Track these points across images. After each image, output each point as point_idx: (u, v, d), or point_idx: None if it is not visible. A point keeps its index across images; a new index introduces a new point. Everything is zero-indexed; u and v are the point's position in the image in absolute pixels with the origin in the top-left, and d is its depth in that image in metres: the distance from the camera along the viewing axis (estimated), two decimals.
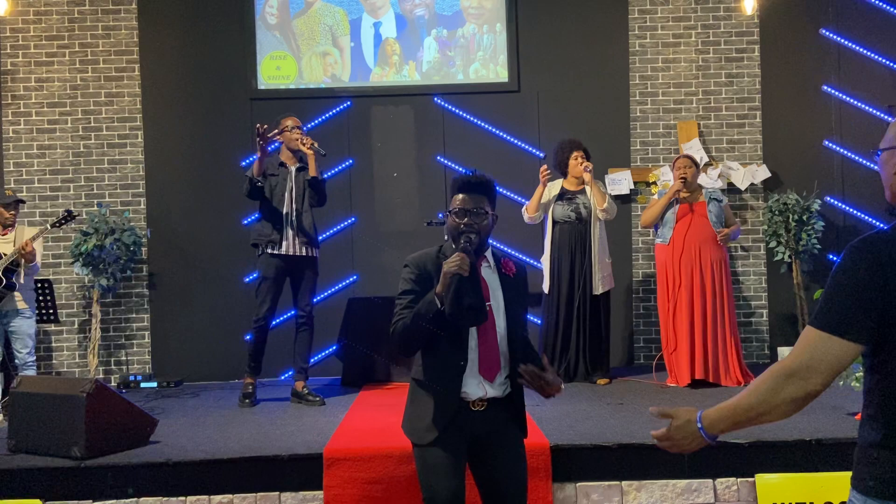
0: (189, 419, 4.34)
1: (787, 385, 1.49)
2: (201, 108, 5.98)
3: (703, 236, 4.84)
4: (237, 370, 5.42)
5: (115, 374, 5.83)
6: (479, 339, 2.46)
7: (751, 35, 6.05)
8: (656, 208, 4.95)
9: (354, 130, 6.03)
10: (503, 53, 6.01)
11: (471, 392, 2.45)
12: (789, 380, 1.49)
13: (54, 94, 5.97)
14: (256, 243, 4.66)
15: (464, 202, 2.50)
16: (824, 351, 1.47)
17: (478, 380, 2.46)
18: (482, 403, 2.46)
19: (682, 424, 1.63)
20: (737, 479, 3.36)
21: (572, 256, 5.04)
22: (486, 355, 2.46)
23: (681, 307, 4.83)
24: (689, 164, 4.91)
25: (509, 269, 2.57)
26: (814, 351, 1.48)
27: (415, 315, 2.41)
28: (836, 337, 1.47)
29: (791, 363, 1.50)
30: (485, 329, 2.47)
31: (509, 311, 2.51)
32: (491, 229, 2.56)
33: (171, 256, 5.95)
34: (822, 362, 1.47)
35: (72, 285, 5.94)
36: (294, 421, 4.19)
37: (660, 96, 6.05)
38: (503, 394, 2.50)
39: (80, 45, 5.98)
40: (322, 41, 6.03)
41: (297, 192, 4.65)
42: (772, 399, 1.51)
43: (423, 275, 2.48)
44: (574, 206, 5.07)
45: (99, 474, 3.35)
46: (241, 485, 3.40)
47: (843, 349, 1.47)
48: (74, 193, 5.96)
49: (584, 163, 5.03)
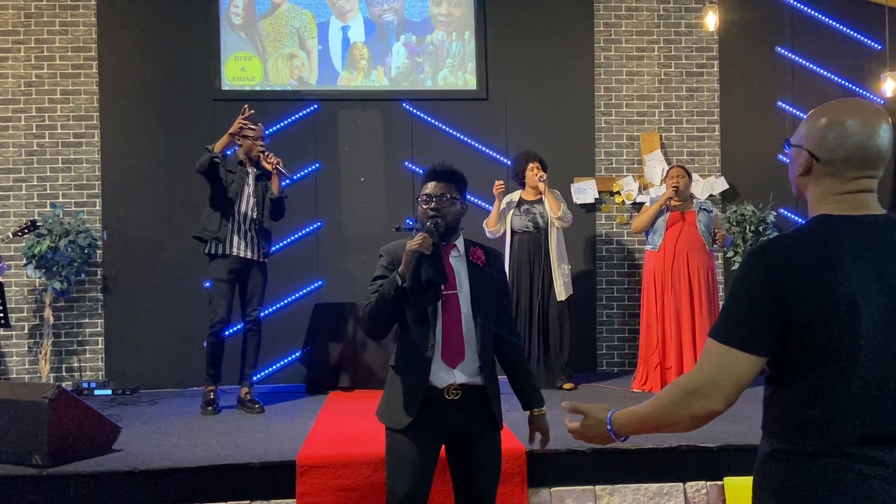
0: (151, 427, 4.20)
1: (690, 402, 1.46)
2: (162, 107, 5.84)
3: (693, 245, 4.96)
4: (195, 377, 5.30)
5: (68, 381, 5.61)
6: (443, 324, 2.49)
7: (710, 51, 6.23)
8: (647, 215, 5.08)
9: (321, 134, 5.97)
10: (472, 61, 6.04)
11: (439, 379, 2.47)
12: (693, 396, 1.46)
13: (8, 90, 5.74)
14: (201, 237, 4.53)
15: (432, 189, 2.56)
16: (727, 365, 1.43)
17: (445, 366, 2.48)
18: (456, 392, 2.47)
19: (593, 424, 1.66)
20: (706, 483, 3.44)
21: (531, 265, 5.15)
22: (449, 342, 2.48)
23: (668, 313, 4.93)
24: (681, 174, 5.05)
25: (478, 258, 2.60)
26: (717, 366, 1.44)
27: (379, 295, 2.47)
28: (737, 350, 1.42)
29: (695, 378, 1.47)
30: (449, 315, 2.50)
31: (475, 299, 2.53)
32: (460, 217, 2.60)
33: (127, 260, 5.77)
34: (726, 378, 1.43)
35: (22, 288, 5.70)
36: (261, 428, 4.10)
37: (623, 108, 6.17)
38: (476, 381, 2.50)
39: (36, 41, 5.77)
40: (288, 43, 5.96)
41: (257, 199, 4.59)
42: (675, 413, 1.49)
43: (394, 262, 2.52)
44: (531, 217, 5.18)
45: (62, 483, 3.22)
46: (212, 493, 3.31)
47: (745, 363, 1.42)
48: (27, 193, 5.74)
49: (539, 173, 5.14)
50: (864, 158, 1.46)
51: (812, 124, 1.51)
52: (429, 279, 2.43)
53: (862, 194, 1.48)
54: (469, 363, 2.50)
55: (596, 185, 6.04)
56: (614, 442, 1.63)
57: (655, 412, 1.53)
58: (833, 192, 1.48)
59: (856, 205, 1.48)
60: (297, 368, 5.67)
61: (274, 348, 5.65)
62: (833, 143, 1.47)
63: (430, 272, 2.43)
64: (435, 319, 2.49)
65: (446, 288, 2.50)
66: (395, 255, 2.55)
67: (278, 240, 5.72)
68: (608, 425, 1.62)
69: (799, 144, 1.53)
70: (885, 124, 1.48)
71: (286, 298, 5.81)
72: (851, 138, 1.46)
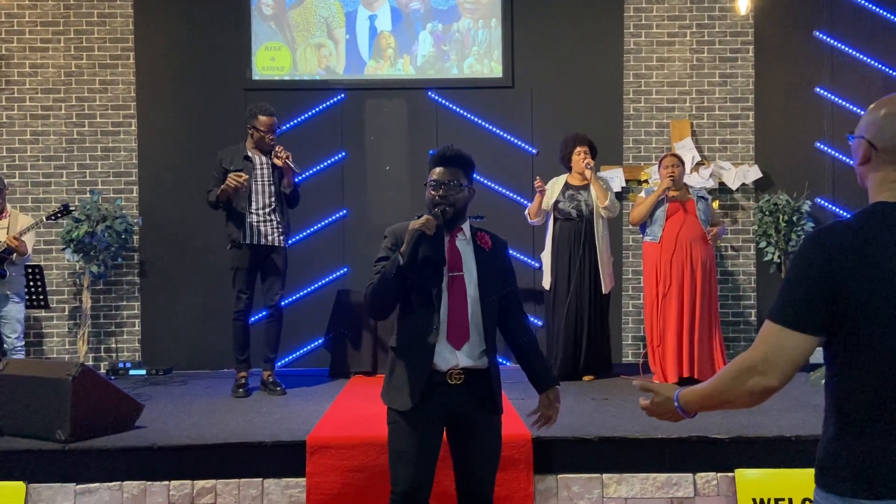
0: (176, 406, 4.35)
1: (747, 378, 1.53)
2: (195, 97, 5.99)
3: (694, 235, 4.84)
4: (227, 359, 5.42)
5: (105, 362, 5.84)
6: (448, 305, 2.50)
7: (745, 35, 6.07)
8: (645, 206, 4.94)
9: (348, 123, 6.04)
10: (498, 49, 6.02)
11: (443, 361, 2.48)
12: (749, 373, 1.52)
13: (48, 80, 5.97)
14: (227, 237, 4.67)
15: (440, 175, 2.55)
16: (781, 345, 1.49)
17: (449, 348, 2.49)
18: (459, 376, 2.48)
19: (662, 401, 1.73)
20: (717, 474, 3.39)
21: (571, 253, 5.00)
22: (454, 322, 2.49)
23: (670, 305, 4.84)
24: (676, 163, 4.91)
25: (485, 243, 2.61)
26: (771, 345, 1.51)
27: (381, 276, 2.49)
28: (790, 330, 1.49)
29: (751, 357, 1.53)
30: (454, 296, 2.51)
31: (482, 282, 2.54)
32: (467, 202, 2.60)
33: (162, 245, 5.96)
34: (780, 357, 1.49)
35: (63, 272, 5.94)
36: (279, 409, 4.21)
37: (653, 95, 6.07)
38: (478, 365, 2.52)
39: (76, 32, 5.98)
40: (317, 33, 6.04)
41: (273, 187, 4.62)
42: (734, 389, 1.55)
43: (398, 243, 2.52)
44: (576, 203, 5.02)
45: (83, 458, 3.37)
46: (225, 471, 3.41)
47: (799, 342, 1.49)
48: (67, 180, 5.96)
49: (587, 159, 4.99)
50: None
51: (872, 115, 1.58)
52: (427, 258, 2.46)
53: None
54: (474, 345, 2.52)
55: (623, 173, 5.96)
56: (683, 419, 1.71)
57: (717, 388, 1.60)
58: (891, 180, 1.53)
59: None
60: (321, 353, 5.77)
61: (299, 333, 5.77)
62: (890, 132, 1.53)
63: (428, 251, 2.46)
64: (440, 301, 2.50)
65: (452, 269, 2.53)
66: (398, 236, 2.57)
67: (304, 228, 5.84)
68: (675, 402, 1.69)
69: (860, 135, 1.59)
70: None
71: (312, 285, 5.92)
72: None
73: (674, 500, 3.38)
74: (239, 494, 3.39)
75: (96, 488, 3.35)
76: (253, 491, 3.40)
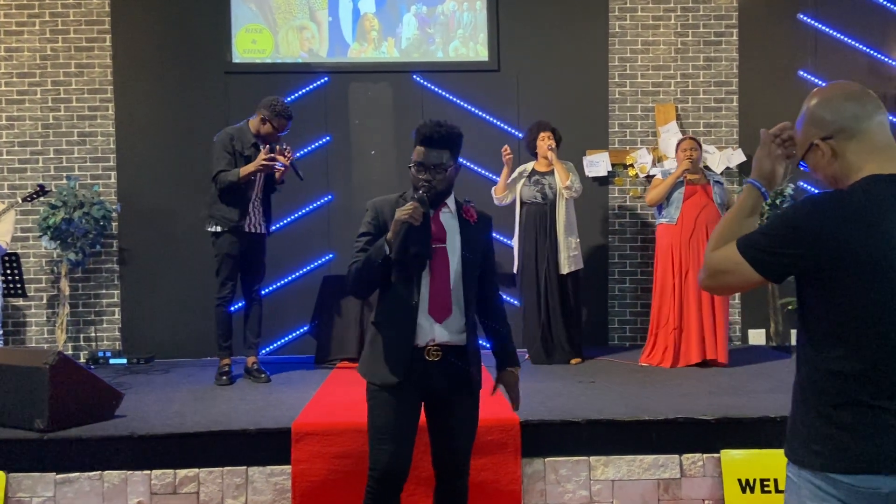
0: (157, 395, 4.29)
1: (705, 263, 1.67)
2: (174, 80, 5.87)
3: (711, 218, 4.91)
4: (209, 347, 5.34)
5: (84, 351, 5.75)
6: (431, 278, 2.48)
7: (729, 19, 6.05)
8: (662, 188, 5.00)
9: (332, 107, 5.96)
10: (483, 32, 5.96)
11: (423, 332, 2.47)
12: (707, 261, 1.66)
13: (23, 64, 5.83)
14: (215, 222, 4.53)
15: (425, 156, 2.48)
16: (735, 271, 1.60)
17: (430, 321, 2.47)
18: (437, 352, 2.47)
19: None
20: (703, 455, 3.39)
21: (537, 237, 5.11)
22: (436, 295, 2.47)
23: (690, 287, 4.86)
24: (694, 147, 4.98)
25: (470, 216, 2.59)
26: (727, 262, 1.61)
27: (366, 260, 2.47)
28: (750, 266, 1.58)
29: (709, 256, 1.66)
30: (437, 270, 2.49)
31: (465, 255, 2.53)
32: (452, 181, 2.56)
33: (141, 232, 5.85)
34: (728, 273, 1.61)
35: (40, 259, 5.83)
36: (264, 397, 4.16)
37: (638, 78, 6.04)
38: (456, 341, 2.51)
39: (51, 15, 5.83)
40: (299, 15, 5.94)
41: (266, 177, 4.63)
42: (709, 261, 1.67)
43: (379, 218, 2.52)
44: (540, 187, 5.14)
45: (63, 447, 3.30)
46: (208, 459, 3.37)
47: (750, 276, 1.59)
48: (43, 166, 5.84)
49: (549, 142, 5.10)
50: (859, 104, 1.59)
51: (807, 118, 1.64)
52: (417, 253, 2.43)
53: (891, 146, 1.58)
54: (455, 320, 2.50)
55: (609, 157, 5.94)
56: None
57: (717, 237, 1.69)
58: (865, 152, 1.55)
59: (891, 157, 1.56)
60: (306, 340, 5.71)
61: (284, 320, 5.71)
62: (829, 113, 1.60)
63: (417, 245, 2.43)
64: (421, 274, 2.48)
65: (435, 241, 2.49)
66: (379, 210, 2.54)
67: (289, 213, 5.77)
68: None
69: (812, 144, 1.61)
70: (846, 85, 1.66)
71: (297, 271, 5.85)
72: (834, 99, 1.61)
73: (660, 482, 3.38)
74: (223, 483, 3.35)
75: (76, 478, 3.29)
76: (237, 479, 3.35)
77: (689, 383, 4.28)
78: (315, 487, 3.33)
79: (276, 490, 3.35)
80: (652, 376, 4.57)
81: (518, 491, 3.34)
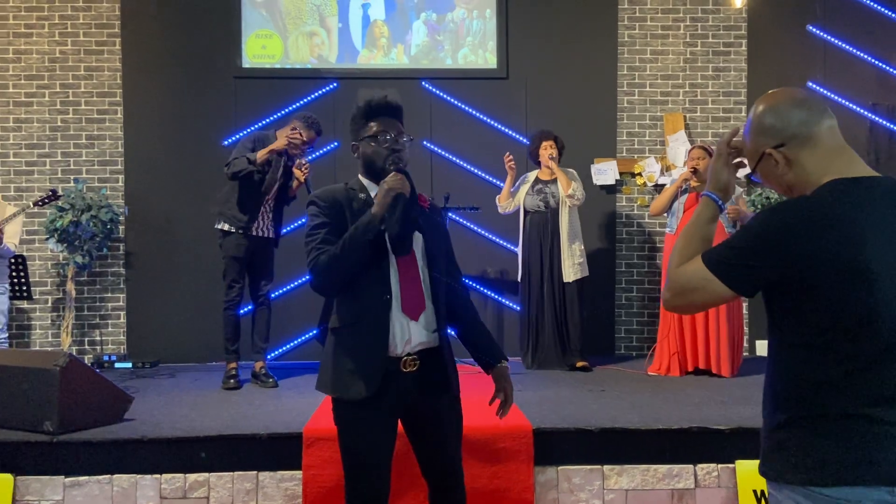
0: (165, 399, 4.26)
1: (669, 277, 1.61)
2: (184, 84, 5.87)
3: None
4: (215, 352, 5.33)
5: (89, 354, 5.71)
6: (400, 273, 2.25)
7: (738, 29, 6.06)
8: (663, 198, 5.02)
9: (340, 112, 5.94)
10: (492, 40, 5.96)
11: (399, 337, 2.23)
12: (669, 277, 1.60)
13: (32, 66, 5.82)
14: (224, 220, 4.53)
15: (386, 125, 2.31)
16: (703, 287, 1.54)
17: (403, 321, 2.23)
18: (413, 363, 2.24)
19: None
20: (717, 465, 3.36)
21: (541, 245, 5.12)
22: (408, 290, 2.24)
23: None
24: (702, 156, 4.95)
25: (423, 202, 2.39)
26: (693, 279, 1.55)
27: (349, 240, 2.17)
28: (718, 280, 1.52)
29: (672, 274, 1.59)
30: (405, 263, 2.26)
31: (428, 245, 2.32)
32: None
33: (148, 235, 5.84)
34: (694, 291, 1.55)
35: (46, 262, 5.81)
36: (272, 401, 4.13)
37: (647, 87, 6.05)
38: (431, 342, 2.28)
39: (60, 18, 5.84)
40: (309, 21, 5.94)
41: (280, 187, 4.67)
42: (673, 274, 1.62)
43: (334, 205, 2.26)
44: (543, 196, 5.15)
45: (72, 450, 3.27)
46: (218, 464, 3.33)
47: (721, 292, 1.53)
48: (51, 169, 5.82)
49: (551, 151, 5.12)
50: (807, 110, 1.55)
51: (754, 134, 1.58)
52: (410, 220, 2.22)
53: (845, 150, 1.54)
54: (429, 316, 2.27)
55: (617, 166, 5.94)
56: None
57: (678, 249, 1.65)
58: (821, 156, 1.51)
59: (849, 161, 1.52)
60: (314, 346, 5.67)
61: (292, 325, 5.68)
62: (778, 120, 1.54)
63: (410, 211, 2.22)
64: (389, 268, 2.23)
65: None
66: (330, 199, 2.28)
67: (297, 218, 5.74)
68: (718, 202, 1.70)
69: (764, 154, 1.56)
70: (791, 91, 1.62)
71: (304, 276, 5.83)
72: (781, 106, 1.56)
73: (675, 492, 3.35)
74: (233, 488, 3.32)
75: (86, 481, 3.26)
76: (248, 484, 3.32)
77: (699, 393, 4.25)
78: (326, 493, 3.30)
79: (286, 495, 3.31)
80: (661, 386, 4.55)
81: (531, 499, 3.31)
